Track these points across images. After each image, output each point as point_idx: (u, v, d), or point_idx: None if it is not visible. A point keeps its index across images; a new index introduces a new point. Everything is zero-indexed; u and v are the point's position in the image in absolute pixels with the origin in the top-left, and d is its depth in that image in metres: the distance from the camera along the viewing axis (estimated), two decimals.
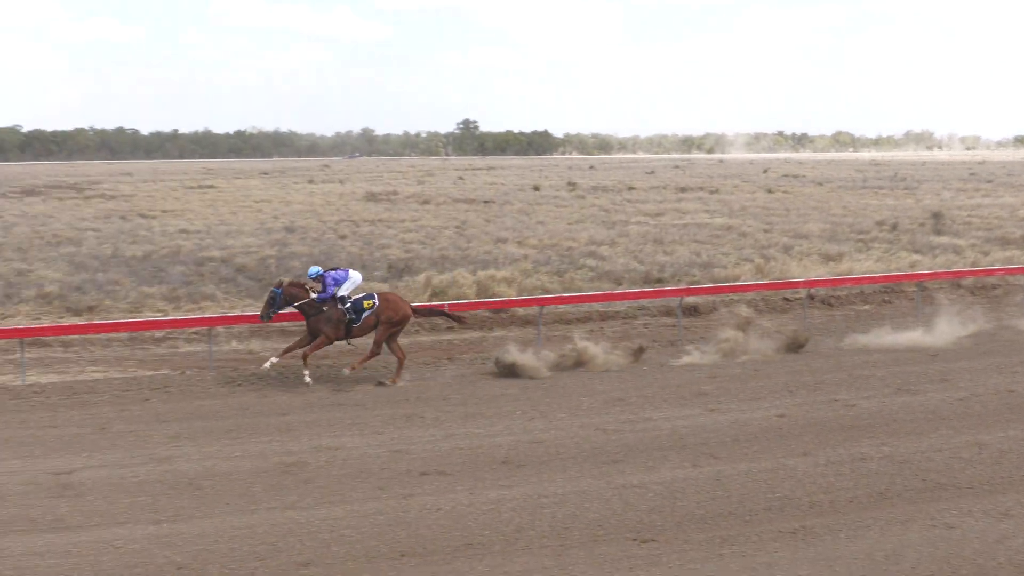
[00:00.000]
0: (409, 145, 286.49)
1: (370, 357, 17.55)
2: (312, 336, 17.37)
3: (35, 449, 13.69)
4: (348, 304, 17.33)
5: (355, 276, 17.87)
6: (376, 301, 17.50)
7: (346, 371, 17.43)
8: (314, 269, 17.79)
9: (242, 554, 10.04)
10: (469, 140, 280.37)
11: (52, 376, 17.99)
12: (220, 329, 19.88)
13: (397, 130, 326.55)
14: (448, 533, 10.51)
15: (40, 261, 30.46)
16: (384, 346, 17.61)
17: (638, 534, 10.44)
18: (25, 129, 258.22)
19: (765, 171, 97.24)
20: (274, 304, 17.32)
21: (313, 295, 17.29)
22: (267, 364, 17.33)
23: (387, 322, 17.45)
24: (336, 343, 17.68)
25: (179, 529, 10.70)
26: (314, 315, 17.26)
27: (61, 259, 30.79)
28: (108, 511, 11.25)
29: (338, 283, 17.40)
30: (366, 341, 18.01)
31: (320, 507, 11.31)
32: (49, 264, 29.62)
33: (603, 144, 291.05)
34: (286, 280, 17.97)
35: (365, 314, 17.38)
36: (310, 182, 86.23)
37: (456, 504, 11.33)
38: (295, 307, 17.38)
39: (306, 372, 17.15)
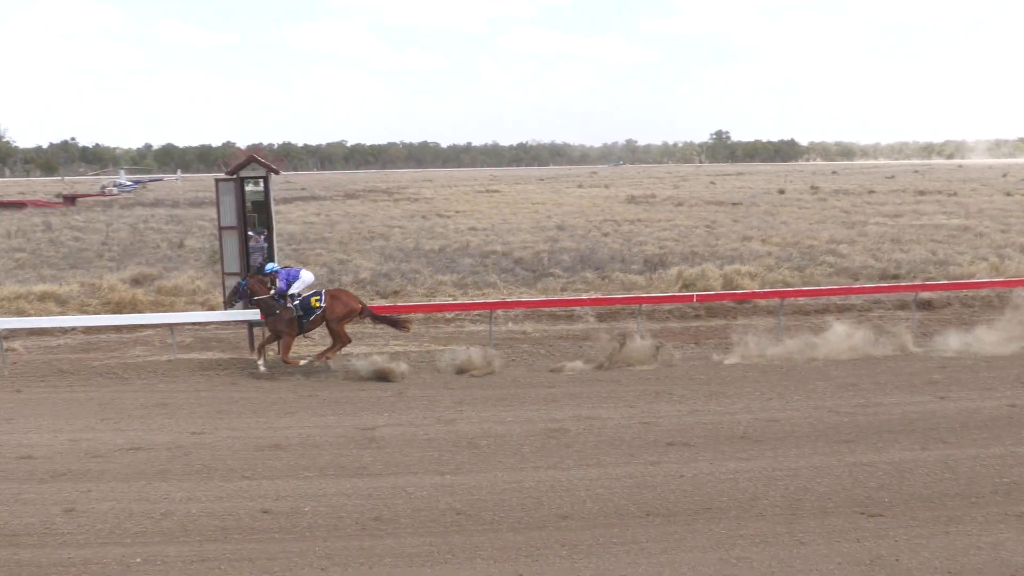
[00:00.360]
0: (667, 153, 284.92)
1: (339, 348, 17.02)
2: (274, 334, 16.91)
3: (347, 408, 14.47)
4: (296, 302, 16.67)
5: (307, 276, 17.01)
6: (323, 299, 16.70)
7: (316, 362, 16.85)
8: (270, 265, 17.18)
9: (511, 505, 10.26)
10: (721, 148, 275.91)
11: (363, 348, 18.93)
12: (500, 312, 20.37)
13: (657, 140, 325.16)
14: (690, 498, 10.36)
15: (357, 252, 32.27)
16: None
17: (866, 509, 9.94)
18: (349, 143, 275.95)
19: (1004, 175, 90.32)
20: (237, 293, 16.89)
21: (273, 291, 16.72)
22: (305, 361, 16.86)
23: (335, 319, 16.74)
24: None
25: (459, 480, 11.05)
26: (270, 315, 16.74)
27: (374, 251, 32.51)
28: (402, 462, 11.75)
29: (289, 280, 16.76)
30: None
31: (578, 468, 11.39)
32: (364, 255, 31.33)
33: (846, 151, 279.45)
34: (253, 274, 17.23)
35: (316, 313, 16.68)
36: (579, 187, 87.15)
37: (698, 472, 11.15)
38: (253, 301, 16.80)
39: (304, 360, 16.79)
